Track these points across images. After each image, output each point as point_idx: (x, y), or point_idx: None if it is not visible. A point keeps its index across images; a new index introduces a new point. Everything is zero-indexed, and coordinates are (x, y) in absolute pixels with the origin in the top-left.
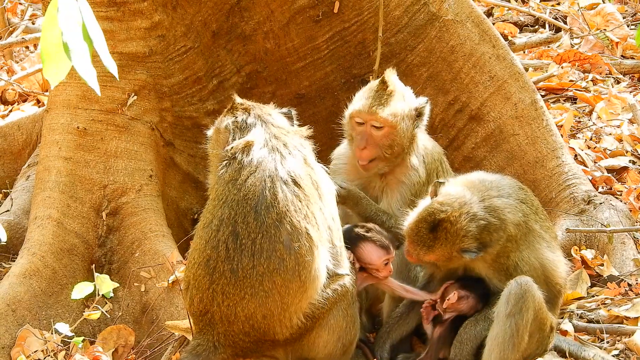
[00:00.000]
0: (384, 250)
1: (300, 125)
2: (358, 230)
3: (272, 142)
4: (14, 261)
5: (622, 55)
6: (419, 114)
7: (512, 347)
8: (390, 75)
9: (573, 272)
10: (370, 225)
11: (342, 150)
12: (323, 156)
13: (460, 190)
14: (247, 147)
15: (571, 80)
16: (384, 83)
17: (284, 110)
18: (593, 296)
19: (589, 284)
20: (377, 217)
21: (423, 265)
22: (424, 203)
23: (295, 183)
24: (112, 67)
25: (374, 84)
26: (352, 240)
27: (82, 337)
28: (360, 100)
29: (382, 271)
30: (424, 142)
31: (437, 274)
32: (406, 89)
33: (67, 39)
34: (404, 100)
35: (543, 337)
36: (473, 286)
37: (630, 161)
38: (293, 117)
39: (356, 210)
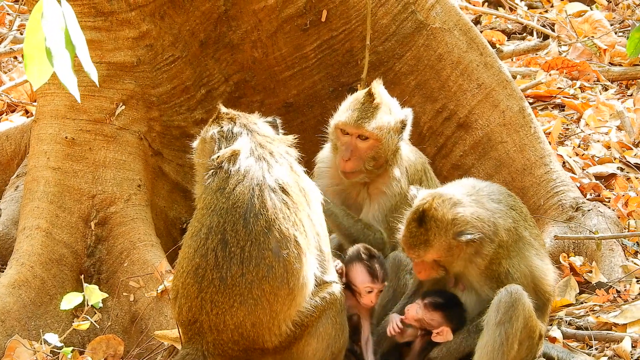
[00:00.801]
0: (370, 277)
1: (288, 134)
2: (362, 251)
3: (258, 151)
4: (3, 272)
5: (610, 63)
6: (403, 126)
7: (501, 356)
8: (377, 87)
9: (561, 279)
10: (377, 254)
11: (326, 154)
12: (312, 164)
13: (447, 187)
14: (234, 156)
15: (559, 88)
16: (370, 95)
17: (269, 119)
18: (582, 303)
19: (578, 291)
20: (356, 229)
21: (414, 276)
22: (407, 211)
23: (283, 190)
24: (93, 74)
25: (360, 94)
26: (351, 257)
27: (72, 348)
28: (346, 111)
29: (363, 297)
30: (407, 154)
31: (425, 282)
32: (392, 100)
33: (50, 45)
34: (390, 113)
35: (532, 345)
36: (458, 313)
37: (618, 168)
38: (278, 125)
39: (336, 226)
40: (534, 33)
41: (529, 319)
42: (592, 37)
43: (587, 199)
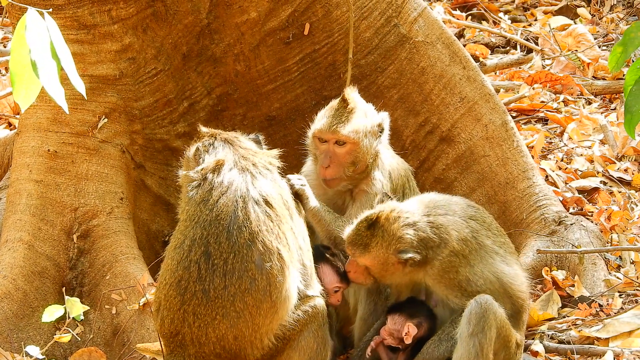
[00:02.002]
0: (338, 277)
1: (270, 147)
2: (325, 250)
3: (241, 163)
4: None
5: (593, 76)
6: (381, 130)
7: None
8: (350, 92)
9: (544, 292)
10: (338, 251)
11: (309, 167)
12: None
13: (408, 203)
14: (218, 167)
15: (542, 101)
16: (344, 101)
17: (252, 136)
18: (564, 317)
19: (560, 305)
20: (337, 225)
21: (387, 286)
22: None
23: (267, 203)
24: (80, 86)
25: (334, 102)
26: (315, 256)
27: None
28: (322, 119)
29: (331, 297)
30: (390, 159)
31: (403, 294)
32: (367, 105)
33: (35, 57)
34: (365, 116)
35: (509, 355)
36: (419, 309)
37: (601, 182)
38: (261, 142)
39: (318, 225)
40: (518, 47)
41: (502, 328)
42: (576, 50)
43: (570, 213)
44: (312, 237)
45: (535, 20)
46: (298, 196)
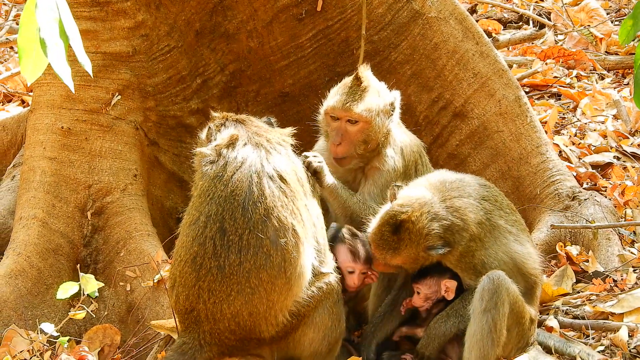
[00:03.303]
0: (352, 256)
1: (284, 124)
2: (344, 232)
3: (255, 139)
4: (0, 262)
5: (606, 51)
6: (393, 108)
7: (491, 343)
8: (364, 70)
9: (558, 268)
10: (359, 233)
11: (321, 144)
12: None
13: (419, 191)
14: (232, 142)
15: (555, 77)
16: (357, 79)
17: (264, 119)
18: (578, 292)
19: (574, 280)
20: (353, 202)
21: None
22: (384, 208)
23: (282, 179)
24: (87, 64)
25: (348, 79)
26: (333, 238)
27: (68, 337)
28: (334, 96)
29: (346, 279)
30: (402, 136)
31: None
32: (380, 84)
33: (44, 35)
34: (378, 95)
35: (523, 331)
36: (440, 267)
37: (614, 157)
38: (273, 124)
39: (335, 202)
40: (530, 22)
41: (515, 304)
42: (589, 26)
43: (584, 188)
44: (327, 216)
45: None
46: (316, 173)
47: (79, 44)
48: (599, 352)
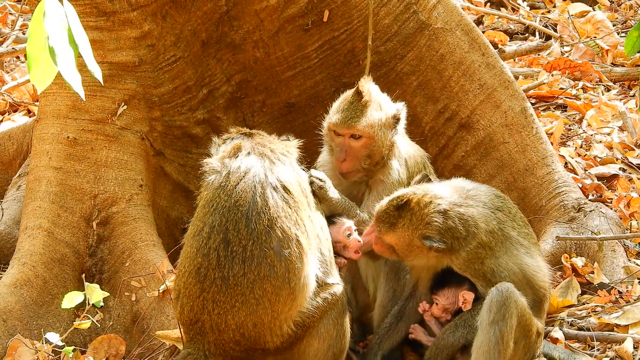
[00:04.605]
0: (339, 225)
1: (289, 134)
2: (331, 219)
3: (259, 149)
4: (5, 271)
5: (612, 63)
6: (397, 120)
7: (497, 355)
8: (365, 84)
9: (563, 279)
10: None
11: (325, 157)
12: (314, 165)
13: (440, 187)
14: (235, 152)
15: (561, 88)
16: (358, 94)
17: (283, 137)
18: (583, 304)
19: (580, 292)
20: (359, 219)
21: (408, 270)
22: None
23: (285, 189)
24: (97, 72)
25: (349, 94)
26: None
27: (73, 347)
28: (336, 112)
29: (350, 244)
30: (406, 147)
31: (422, 279)
32: (383, 96)
33: (53, 44)
34: (380, 109)
35: (530, 344)
36: (458, 277)
37: (620, 169)
38: (291, 141)
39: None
40: (536, 33)
41: (523, 316)
42: (595, 37)
43: (589, 200)
44: None
45: (554, 7)
46: (319, 190)
47: (89, 52)
48: None
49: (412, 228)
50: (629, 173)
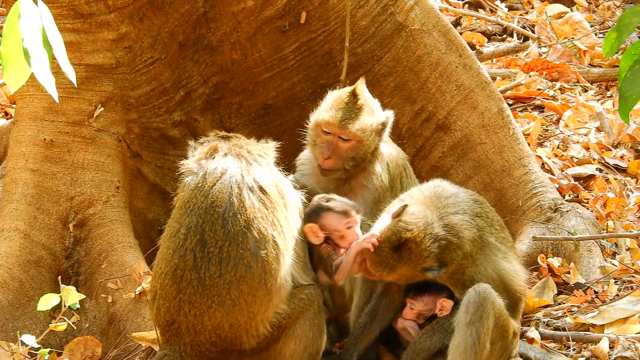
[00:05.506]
0: (343, 214)
1: (266, 136)
2: (319, 201)
3: (236, 150)
4: None
5: (590, 64)
6: (384, 127)
7: (474, 356)
8: (361, 87)
9: (540, 280)
10: (331, 195)
11: (306, 154)
12: (291, 166)
13: (421, 209)
14: (211, 153)
15: (539, 89)
16: (355, 96)
17: (262, 141)
18: (559, 304)
19: (556, 292)
20: None
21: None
22: (384, 221)
23: (262, 190)
24: (71, 74)
25: (344, 94)
26: (315, 212)
27: (49, 349)
28: (329, 110)
29: (348, 236)
30: (389, 149)
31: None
32: (374, 101)
33: (28, 46)
34: (372, 114)
35: (506, 344)
36: (436, 284)
37: (597, 169)
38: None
39: None
40: (514, 34)
41: (500, 317)
42: (572, 38)
43: (566, 200)
44: None
45: (532, 8)
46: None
47: (63, 54)
48: None
49: (413, 265)
50: (606, 173)
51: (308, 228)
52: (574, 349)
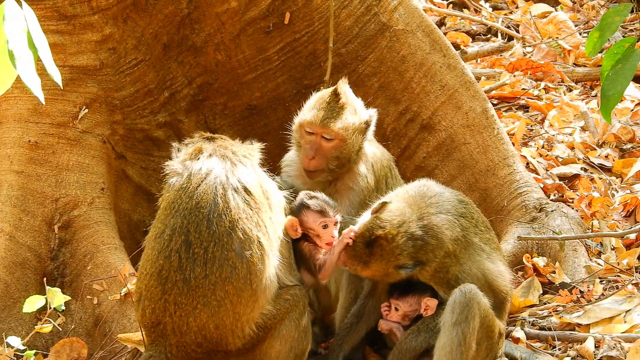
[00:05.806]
0: (319, 213)
1: (251, 137)
2: (302, 196)
3: (221, 151)
4: None
5: (574, 63)
6: (367, 126)
7: (460, 356)
8: (343, 86)
9: (525, 279)
10: (317, 193)
11: (291, 155)
12: (275, 167)
13: (400, 207)
14: (196, 154)
15: (523, 89)
16: (336, 95)
17: (247, 142)
18: (545, 303)
19: (541, 292)
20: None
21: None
22: (364, 217)
23: (246, 191)
24: (56, 76)
25: (326, 94)
26: (297, 207)
27: (35, 351)
28: (311, 110)
29: (323, 236)
30: (373, 150)
31: (384, 281)
32: (357, 100)
33: (13, 48)
34: (355, 113)
35: (492, 344)
36: (420, 284)
37: (581, 169)
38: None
39: None
40: (499, 34)
41: (486, 317)
42: (557, 38)
43: (551, 200)
44: None
45: (517, 7)
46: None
47: (48, 56)
48: None
49: (385, 262)
50: (591, 173)
51: (289, 222)
52: (559, 349)
